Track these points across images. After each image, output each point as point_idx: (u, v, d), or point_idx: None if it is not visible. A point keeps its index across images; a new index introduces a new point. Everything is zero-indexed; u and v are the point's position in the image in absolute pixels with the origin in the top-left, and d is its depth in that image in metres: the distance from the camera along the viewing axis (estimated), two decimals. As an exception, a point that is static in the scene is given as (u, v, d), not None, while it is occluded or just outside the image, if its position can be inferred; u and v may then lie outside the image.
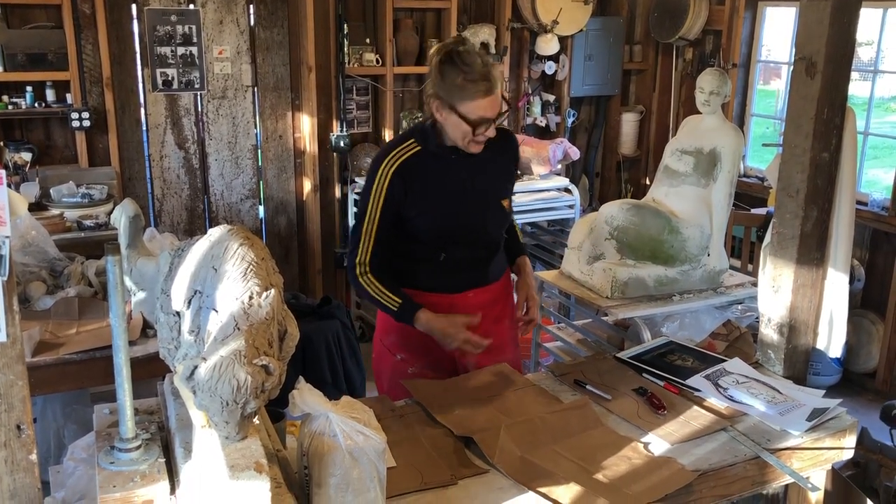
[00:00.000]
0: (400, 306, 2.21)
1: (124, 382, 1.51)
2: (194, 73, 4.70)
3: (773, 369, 2.34)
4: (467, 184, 2.26)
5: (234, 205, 5.04)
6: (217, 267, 1.44)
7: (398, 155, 2.22)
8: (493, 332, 2.34)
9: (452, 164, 2.24)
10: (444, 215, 2.25)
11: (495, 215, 2.33)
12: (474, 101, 2.09)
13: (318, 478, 1.43)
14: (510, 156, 2.39)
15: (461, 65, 2.07)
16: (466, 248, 2.30)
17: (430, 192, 2.23)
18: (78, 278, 2.99)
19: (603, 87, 5.73)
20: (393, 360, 2.38)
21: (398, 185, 2.20)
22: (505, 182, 2.37)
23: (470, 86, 2.08)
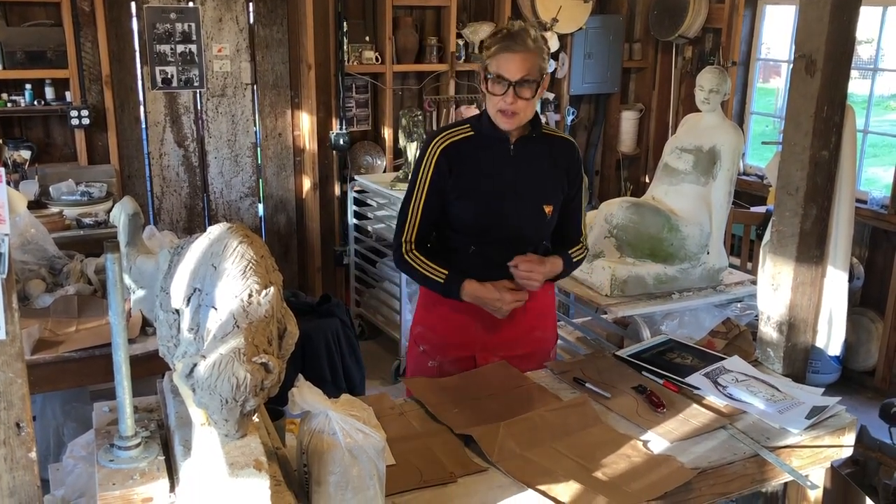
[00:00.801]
0: (446, 277, 2.21)
1: (123, 380, 1.51)
2: (194, 70, 4.69)
3: (772, 367, 2.34)
4: (510, 178, 2.23)
5: (233, 203, 5.04)
6: (216, 265, 1.44)
7: (449, 136, 2.25)
8: (523, 343, 2.34)
9: (501, 155, 2.23)
10: (479, 205, 2.23)
11: (533, 217, 2.27)
12: (497, 57, 2.12)
13: (318, 476, 1.43)
14: (567, 164, 2.31)
15: (505, 29, 2.15)
16: (498, 246, 2.24)
17: (472, 178, 2.23)
18: (77, 276, 2.99)
19: (602, 85, 5.72)
20: (417, 352, 2.40)
21: (444, 164, 2.21)
22: (553, 188, 2.29)
23: (499, 42, 2.12)
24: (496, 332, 2.30)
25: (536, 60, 2.13)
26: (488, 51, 2.16)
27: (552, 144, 2.29)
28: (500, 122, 2.18)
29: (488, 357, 2.23)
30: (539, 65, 2.14)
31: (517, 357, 2.30)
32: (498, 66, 2.12)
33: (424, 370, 2.36)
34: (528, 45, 2.12)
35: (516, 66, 2.11)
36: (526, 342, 2.36)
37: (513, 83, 2.11)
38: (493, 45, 2.14)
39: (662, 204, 3.35)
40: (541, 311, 2.39)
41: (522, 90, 2.12)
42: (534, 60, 2.12)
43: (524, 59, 2.11)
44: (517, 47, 2.11)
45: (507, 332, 2.31)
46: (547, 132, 2.30)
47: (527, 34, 2.13)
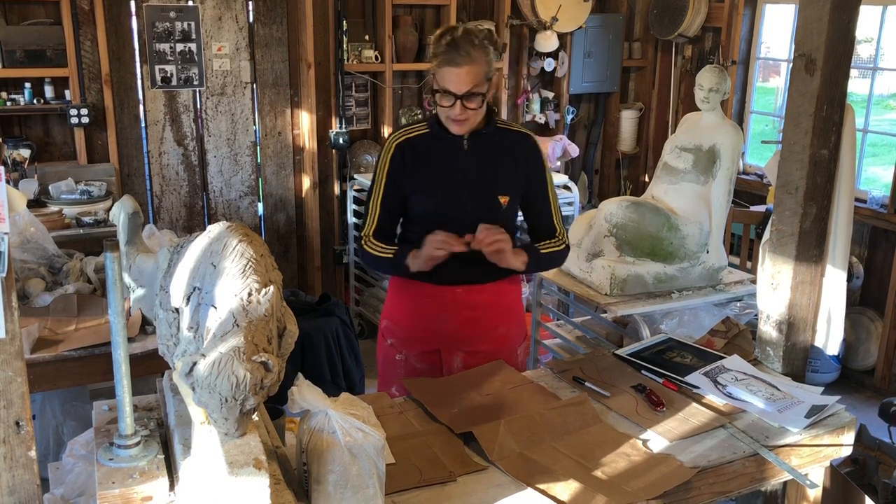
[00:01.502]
0: (395, 252, 2.24)
1: (123, 379, 1.51)
2: (193, 69, 4.69)
3: (771, 366, 2.34)
4: (464, 171, 2.27)
5: (232, 202, 5.04)
6: (216, 263, 1.44)
7: (404, 133, 2.30)
8: (486, 339, 2.36)
9: (453, 148, 2.26)
10: (436, 199, 2.27)
11: (489, 208, 2.29)
12: (441, 69, 2.13)
13: (317, 474, 1.43)
14: (524, 155, 2.33)
15: (448, 35, 2.14)
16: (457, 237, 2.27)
17: (427, 172, 2.27)
18: (77, 275, 2.99)
19: (602, 84, 5.72)
20: (385, 345, 2.43)
21: (399, 158, 2.26)
22: (508, 179, 2.31)
23: (445, 53, 2.12)
24: (458, 328, 2.32)
25: (482, 68, 2.14)
26: (434, 59, 2.17)
27: (508, 138, 2.32)
28: (451, 128, 2.23)
29: (453, 352, 2.26)
30: (485, 71, 2.16)
31: (482, 353, 2.32)
32: (443, 81, 2.14)
33: (392, 363, 2.39)
34: (471, 56, 2.11)
35: (461, 80, 2.12)
36: (490, 339, 2.37)
37: (459, 97, 2.14)
38: (437, 57, 2.15)
39: (662, 203, 3.35)
40: (505, 309, 2.41)
41: (469, 102, 2.16)
42: (479, 70, 2.14)
43: (468, 73, 2.12)
44: (460, 60, 2.10)
45: (470, 329, 2.33)
46: (503, 126, 2.33)
47: (469, 42, 2.12)
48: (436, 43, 2.17)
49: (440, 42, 2.15)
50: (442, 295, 2.30)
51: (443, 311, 2.30)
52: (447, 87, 2.14)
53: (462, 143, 2.26)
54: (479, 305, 2.34)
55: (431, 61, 2.21)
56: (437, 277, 2.28)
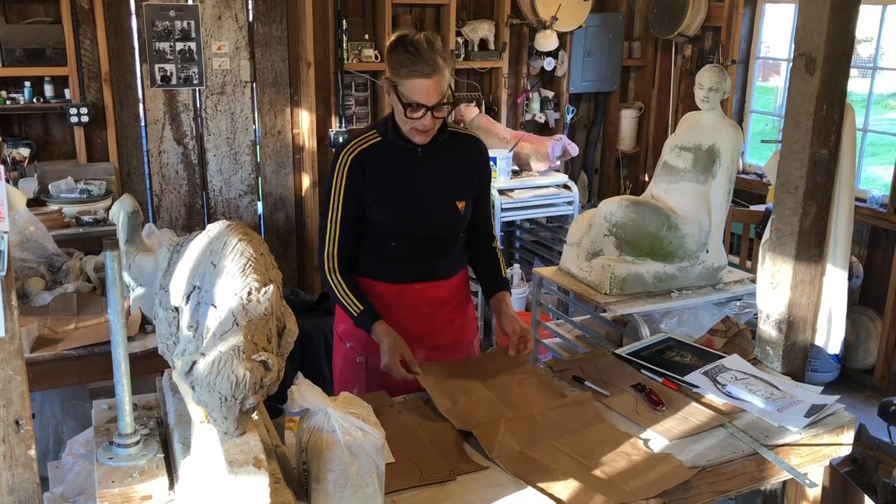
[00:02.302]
0: (360, 313, 2.20)
1: (123, 378, 1.51)
2: (193, 68, 4.69)
3: (771, 366, 2.34)
4: (421, 178, 2.25)
5: (232, 201, 5.04)
6: (216, 262, 1.44)
7: (357, 144, 2.24)
8: (445, 332, 2.37)
9: (409, 157, 2.23)
10: (394, 209, 2.25)
11: (448, 214, 2.29)
12: (410, 81, 2.07)
13: (317, 473, 1.43)
14: (475, 159, 2.35)
15: (408, 45, 2.08)
16: (415, 242, 2.29)
17: (384, 181, 2.23)
18: (76, 274, 2.99)
19: (602, 83, 5.72)
20: (344, 349, 2.40)
21: (356, 171, 2.21)
22: (464, 184, 2.32)
23: (409, 64, 2.06)
24: (418, 325, 2.32)
25: (446, 75, 2.11)
26: (396, 71, 2.10)
27: (459, 142, 2.30)
28: (416, 139, 2.19)
29: (413, 350, 2.21)
30: (449, 79, 2.12)
31: (440, 348, 2.33)
32: (412, 93, 2.08)
33: (353, 367, 2.38)
34: (438, 64, 2.06)
35: (431, 90, 2.08)
36: (446, 334, 2.38)
37: (430, 108, 2.10)
38: (402, 67, 2.08)
39: (662, 202, 3.35)
40: (458, 303, 2.43)
41: (439, 111, 2.13)
42: (445, 77, 2.10)
43: (437, 82, 2.08)
44: (429, 71, 2.06)
45: (426, 325, 2.34)
46: (452, 130, 2.30)
47: (433, 50, 2.07)
48: (395, 52, 2.10)
49: (401, 52, 2.08)
50: (401, 293, 2.30)
51: (402, 309, 2.30)
52: (417, 100, 2.08)
53: (417, 150, 2.23)
54: (436, 301, 2.35)
55: (389, 71, 2.13)
56: (395, 276, 2.30)
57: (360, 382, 2.36)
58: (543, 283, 3.68)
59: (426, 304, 2.33)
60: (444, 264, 2.36)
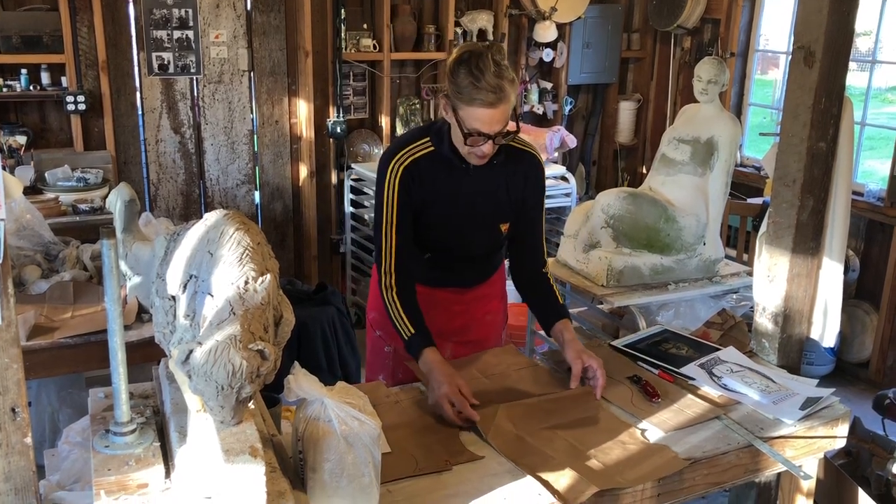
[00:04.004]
0: (411, 336, 2.06)
1: (119, 366, 1.51)
2: (190, 57, 4.67)
3: (767, 358, 2.35)
4: (466, 198, 2.16)
5: (229, 190, 5.03)
6: (213, 251, 1.44)
7: (409, 153, 2.12)
8: (474, 328, 2.37)
9: (460, 173, 2.12)
10: (437, 225, 2.18)
11: (487, 236, 2.24)
12: (472, 108, 1.94)
13: (313, 462, 1.43)
14: (527, 180, 2.21)
15: (473, 67, 1.91)
16: (452, 257, 2.26)
17: (431, 197, 2.14)
18: (73, 262, 2.98)
19: (601, 75, 5.71)
20: (374, 336, 2.41)
21: (408, 180, 2.10)
22: (511, 205, 2.22)
23: (473, 91, 1.92)
24: (449, 320, 2.30)
25: (511, 101, 1.97)
26: (457, 93, 1.95)
27: (512, 157, 2.17)
28: (472, 161, 2.08)
29: (443, 343, 2.16)
30: (513, 104, 1.98)
31: (471, 342, 2.32)
32: (473, 120, 1.95)
33: (381, 354, 2.38)
34: (504, 92, 1.92)
35: (494, 119, 1.95)
36: (479, 328, 2.38)
37: (492, 136, 1.99)
38: (464, 91, 1.93)
39: (659, 194, 3.35)
40: (494, 296, 2.42)
41: (500, 138, 2.01)
42: (510, 104, 1.96)
43: (503, 112, 1.95)
44: (494, 100, 1.92)
45: (461, 320, 2.33)
46: (511, 146, 2.16)
47: (501, 76, 1.91)
48: (458, 72, 1.94)
49: (464, 73, 1.93)
50: (431, 294, 2.28)
51: (432, 308, 2.26)
52: (479, 129, 1.96)
53: (469, 169, 2.12)
54: (469, 301, 2.35)
55: (451, 91, 1.97)
56: (428, 280, 2.27)
57: (386, 370, 2.37)
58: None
59: (457, 304, 2.32)
60: (479, 273, 2.34)
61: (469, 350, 2.30)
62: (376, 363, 2.41)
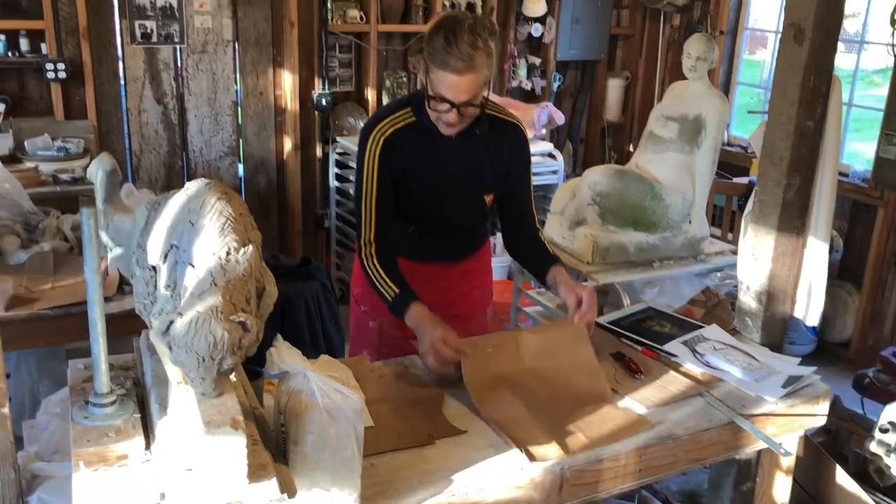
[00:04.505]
0: (396, 296, 2.06)
1: (99, 337, 1.49)
2: (174, 26, 4.60)
3: (750, 336, 2.36)
4: (449, 168, 2.15)
5: (212, 162, 4.98)
6: (194, 221, 1.42)
7: (390, 124, 2.11)
8: (460, 303, 2.36)
9: (442, 144, 2.11)
10: (420, 196, 2.17)
11: (470, 207, 2.23)
12: (442, 73, 1.93)
13: (295, 435, 1.42)
14: (510, 150, 2.21)
15: (449, 33, 1.92)
16: (436, 229, 2.25)
17: (412, 167, 2.13)
18: (53, 233, 2.94)
19: (589, 51, 5.68)
20: (358, 312, 2.39)
21: (389, 151, 2.09)
22: (494, 175, 2.21)
23: (445, 55, 1.91)
24: (436, 295, 2.27)
25: (483, 75, 1.95)
26: (430, 56, 1.94)
27: (496, 128, 2.16)
28: (441, 129, 2.07)
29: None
30: (486, 77, 1.97)
31: (457, 317, 2.30)
32: (439, 85, 1.94)
33: (365, 330, 2.37)
34: (475, 62, 1.91)
35: (460, 89, 1.94)
36: (465, 302, 2.37)
37: (457, 105, 1.97)
38: (437, 55, 1.92)
39: (646, 172, 3.35)
40: (481, 271, 2.41)
41: (466, 109, 2.00)
42: (480, 77, 1.95)
43: (470, 82, 1.94)
44: (462, 67, 1.90)
45: (448, 295, 2.31)
46: (494, 116, 2.17)
47: (473, 45, 1.90)
48: (435, 35, 1.93)
49: (440, 37, 1.92)
50: (417, 269, 2.26)
51: (418, 283, 2.26)
52: (443, 94, 1.95)
53: (451, 140, 2.11)
54: (455, 275, 2.34)
55: (426, 52, 1.96)
56: (412, 254, 2.26)
57: (370, 346, 2.35)
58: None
59: (442, 279, 2.31)
60: (465, 247, 2.32)
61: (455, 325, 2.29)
62: (361, 339, 2.40)
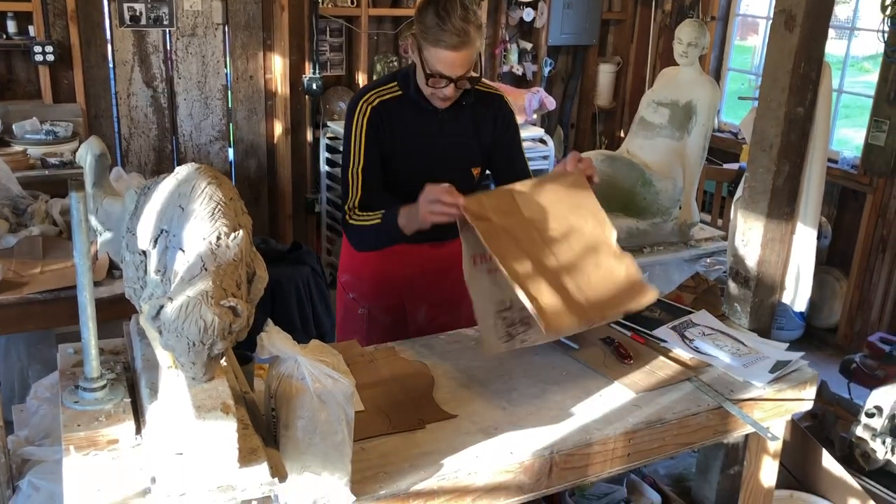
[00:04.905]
0: (384, 215, 2.06)
1: (88, 321, 1.49)
2: (163, 8, 4.56)
3: (738, 322, 2.37)
4: (436, 142, 2.17)
5: (203, 146, 4.95)
6: (184, 206, 1.41)
7: (377, 94, 2.13)
8: (450, 288, 2.34)
9: (428, 117, 2.14)
10: (407, 170, 2.17)
11: (461, 180, 2.18)
12: (437, 50, 1.96)
13: (286, 420, 1.43)
14: (495, 119, 2.24)
15: (441, 9, 1.95)
16: None
17: (400, 142, 2.14)
18: (42, 217, 2.93)
19: (581, 36, 5.66)
20: (346, 299, 2.39)
21: (377, 119, 2.11)
22: (481, 148, 2.24)
23: (439, 32, 1.95)
24: (423, 281, 2.29)
25: (477, 48, 2.00)
26: (423, 33, 1.98)
27: (480, 100, 2.20)
28: (435, 103, 2.09)
29: (417, 304, 2.17)
30: (478, 49, 2.01)
31: (445, 304, 2.31)
32: (436, 62, 1.98)
33: (354, 318, 2.36)
34: (469, 36, 1.95)
35: (458, 64, 1.98)
36: (452, 290, 2.35)
37: (454, 80, 2.01)
38: (429, 32, 1.96)
39: (637, 158, 3.35)
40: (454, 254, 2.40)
41: (463, 81, 2.04)
42: (475, 50, 2.00)
43: (465, 56, 1.98)
44: (457, 42, 1.94)
45: (434, 280, 2.31)
46: (479, 90, 2.19)
47: (466, 20, 1.94)
48: (426, 11, 1.97)
49: (431, 13, 1.95)
50: (407, 251, 2.26)
51: (407, 266, 2.26)
52: (441, 71, 1.98)
53: (437, 112, 2.14)
54: (445, 257, 2.32)
55: (417, 30, 2.00)
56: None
57: (360, 333, 2.34)
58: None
59: (431, 261, 2.30)
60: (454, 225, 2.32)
61: (444, 312, 2.30)
62: (349, 327, 2.39)
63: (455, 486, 1.58)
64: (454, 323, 2.32)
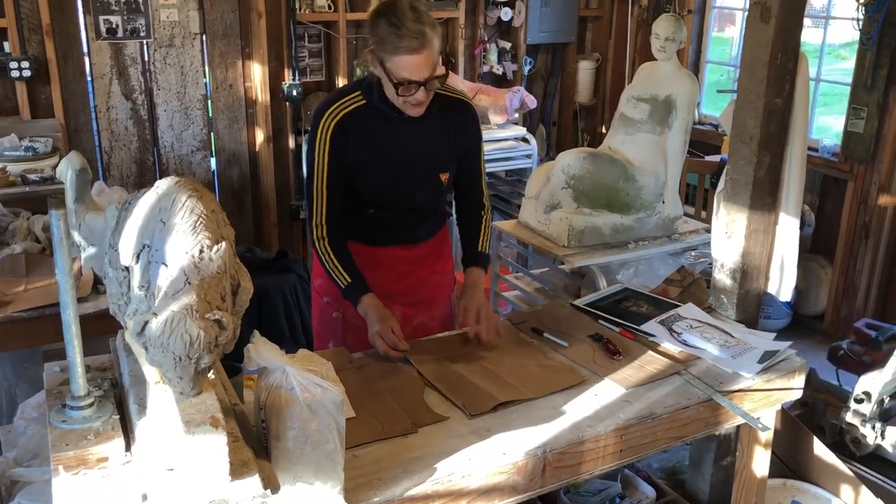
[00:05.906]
0: (348, 286, 2.12)
1: (73, 339, 1.48)
2: (139, 20, 4.53)
3: (725, 313, 2.39)
4: (404, 149, 2.16)
5: (184, 157, 4.92)
6: (165, 220, 1.40)
7: (340, 108, 2.12)
8: (422, 288, 2.37)
9: (395, 125, 2.13)
10: (376, 178, 2.17)
11: (427, 187, 2.24)
12: (398, 57, 1.95)
13: (277, 431, 1.42)
14: (462, 127, 2.24)
15: (392, 17, 1.95)
16: (394, 211, 2.25)
17: (367, 151, 2.14)
18: (24, 234, 2.90)
19: (559, 34, 5.67)
20: (321, 303, 2.39)
21: (340, 136, 2.11)
22: (450, 154, 2.24)
23: (396, 40, 1.94)
24: (397, 280, 2.30)
25: (435, 45, 1.99)
26: (380, 45, 1.97)
27: (446, 107, 2.19)
28: (409, 112, 2.08)
29: (391, 305, 2.16)
30: (439, 49, 2.00)
31: (417, 304, 2.33)
32: (401, 69, 1.97)
33: (329, 321, 2.37)
34: (426, 37, 1.94)
35: (421, 65, 1.97)
36: (426, 288, 2.38)
37: (422, 83, 2.00)
38: (387, 43, 1.95)
39: (619, 154, 3.36)
40: (436, 260, 2.41)
41: (431, 83, 2.03)
42: (434, 48, 1.98)
43: (427, 56, 1.96)
44: (417, 45, 1.94)
45: (408, 280, 2.32)
46: (445, 95, 2.19)
47: (420, 21, 1.94)
48: (377, 24, 1.97)
49: (383, 24, 1.95)
50: (378, 253, 2.27)
51: (379, 267, 2.26)
52: (408, 77, 1.97)
53: (403, 119, 2.12)
54: (416, 258, 2.34)
55: (374, 44, 2.00)
56: (372, 239, 2.26)
57: (336, 336, 2.35)
58: (503, 237, 3.68)
59: (404, 263, 2.31)
60: (424, 228, 2.32)
61: (418, 311, 2.31)
62: (325, 331, 2.39)
63: (449, 489, 1.58)
64: (430, 323, 2.34)
